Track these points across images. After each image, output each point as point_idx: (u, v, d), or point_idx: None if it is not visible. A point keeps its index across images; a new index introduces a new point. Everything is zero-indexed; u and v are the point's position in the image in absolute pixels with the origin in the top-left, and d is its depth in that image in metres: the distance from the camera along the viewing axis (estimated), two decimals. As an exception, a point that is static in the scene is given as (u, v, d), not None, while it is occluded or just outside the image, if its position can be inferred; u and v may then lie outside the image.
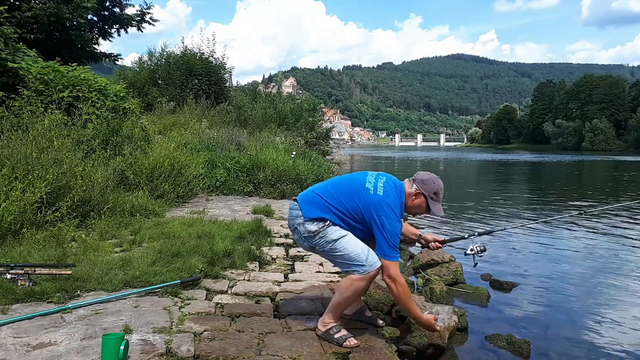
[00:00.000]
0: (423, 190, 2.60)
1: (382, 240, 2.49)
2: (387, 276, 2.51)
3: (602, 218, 9.17)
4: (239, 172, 8.13)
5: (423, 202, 2.62)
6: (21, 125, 5.55)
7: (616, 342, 3.46)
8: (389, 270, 2.50)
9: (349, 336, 2.57)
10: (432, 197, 2.60)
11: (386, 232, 2.48)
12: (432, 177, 2.64)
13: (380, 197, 2.52)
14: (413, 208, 2.65)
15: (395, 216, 2.52)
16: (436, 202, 2.62)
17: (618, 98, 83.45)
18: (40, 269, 3.15)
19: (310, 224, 2.60)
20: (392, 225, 2.49)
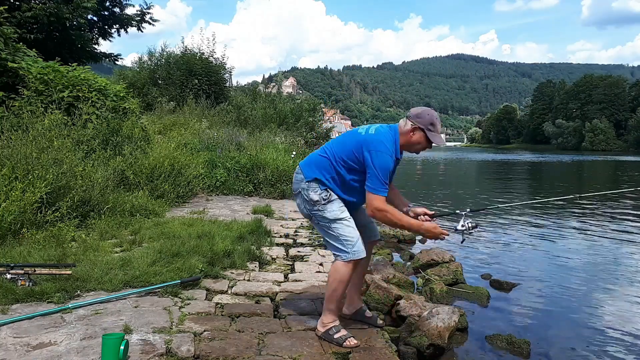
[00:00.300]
0: (419, 124, 2.55)
1: (372, 173, 2.49)
2: (373, 209, 2.51)
3: (603, 218, 9.17)
4: (239, 172, 8.14)
5: (422, 136, 2.57)
6: (21, 125, 5.55)
7: (616, 341, 3.46)
8: (374, 203, 2.50)
9: (349, 336, 2.57)
10: (430, 129, 2.55)
11: (376, 165, 2.48)
12: (425, 110, 2.61)
13: (371, 135, 2.57)
14: (414, 145, 2.61)
15: (386, 151, 2.51)
16: (435, 133, 2.57)
17: (618, 98, 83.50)
18: (40, 269, 3.15)
19: (312, 191, 2.61)
20: (381, 159, 2.49)
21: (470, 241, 6.95)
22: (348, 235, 2.57)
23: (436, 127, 2.57)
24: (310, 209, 2.66)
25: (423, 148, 2.64)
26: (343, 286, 2.61)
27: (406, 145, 2.63)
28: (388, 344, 2.62)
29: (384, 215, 2.51)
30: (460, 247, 6.46)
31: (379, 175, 2.48)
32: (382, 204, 2.50)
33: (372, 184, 2.50)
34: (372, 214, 2.54)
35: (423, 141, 2.59)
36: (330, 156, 2.65)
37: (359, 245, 2.57)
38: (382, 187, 2.49)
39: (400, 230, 6.79)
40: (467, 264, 5.33)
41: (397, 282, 4.08)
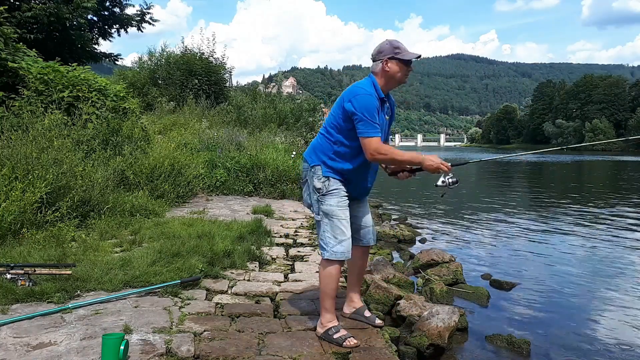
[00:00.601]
0: (385, 56, 2.56)
1: (358, 118, 2.50)
2: (371, 152, 2.50)
3: (603, 218, 9.17)
4: (239, 172, 8.14)
5: (395, 64, 2.56)
6: (21, 125, 5.55)
7: (616, 341, 3.46)
8: (370, 146, 2.49)
9: (349, 336, 2.57)
10: (397, 52, 2.55)
11: (358, 109, 2.48)
12: (382, 43, 2.62)
13: (348, 89, 2.62)
14: (394, 77, 2.60)
15: (365, 92, 2.52)
16: (404, 52, 2.56)
17: (618, 98, 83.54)
18: (40, 269, 3.15)
19: (317, 178, 2.64)
20: (362, 101, 2.50)
21: (470, 241, 6.95)
22: (334, 233, 2.59)
23: (401, 48, 2.57)
24: (313, 197, 2.69)
25: (405, 75, 2.63)
26: (329, 283, 2.62)
27: (388, 83, 2.62)
28: (388, 344, 2.62)
29: (384, 156, 2.51)
30: (460, 247, 6.46)
31: (365, 117, 2.48)
32: (377, 144, 2.49)
33: (361, 127, 2.50)
34: (371, 157, 2.53)
35: (401, 66, 2.58)
36: (324, 131, 2.69)
37: (340, 247, 2.57)
38: (372, 128, 2.49)
39: (400, 230, 6.79)
40: (467, 264, 5.33)
41: (397, 282, 4.08)
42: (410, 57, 2.57)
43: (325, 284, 2.63)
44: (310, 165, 2.69)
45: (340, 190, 2.63)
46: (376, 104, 2.54)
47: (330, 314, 2.65)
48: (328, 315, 2.64)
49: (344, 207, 2.64)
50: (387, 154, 2.51)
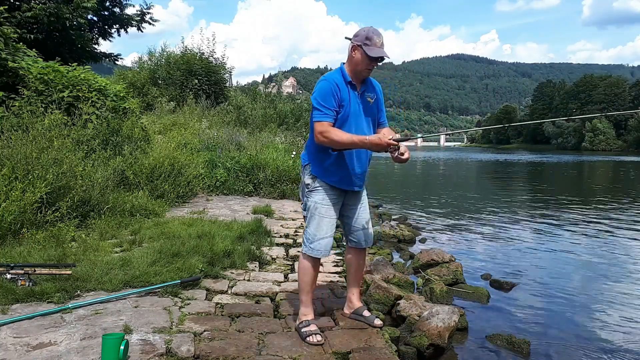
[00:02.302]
0: (356, 41, 2.55)
1: (313, 106, 2.58)
2: (316, 135, 2.57)
3: (603, 218, 9.17)
4: (239, 172, 8.14)
5: (360, 54, 2.54)
6: (21, 125, 5.55)
7: (616, 341, 3.46)
8: (315, 129, 2.56)
9: (315, 332, 2.59)
10: (366, 44, 2.51)
11: (314, 96, 2.58)
12: (363, 27, 2.61)
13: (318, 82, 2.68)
14: (357, 65, 2.58)
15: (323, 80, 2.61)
16: (372, 47, 2.51)
17: (618, 98, 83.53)
18: (40, 269, 3.15)
19: (307, 174, 2.74)
20: (318, 87, 2.59)
21: (470, 241, 6.95)
22: (314, 229, 2.66)
23: (373, 41, 2.52)
24: (303, 192, 2.80)
25: (367, 67, 2.60)
26: (304, 277, 2.70)
27: (353, 68, 2.62)
28: (388, 344, 2.62)
29: (326, 137, 2.53)
30: (460, 247, 6.46)
31: (316, 104, 2.55)
32: (322, 127, 2.54)
33: (313, 113, 2.58)
34: (317, 139, 2.58)
35: (362, 58, 2.56)
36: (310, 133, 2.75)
37: (319, 244, 2.64)
38: (320, 113, 2.54)
39: (400, 230, 6.78)
40: (467, 264, 5.33)
41: (397, 282, 4.08)
42: (374, 55, 2.53)
43: (301, 278, 2.72)
44: (303, 164, 2.81)
45: (326, 189, 2.69)
46: (331, 87, 2.56)
47: (305, 307, 2.71)
48: (303, 308, 2.72)
49: (328, 205, 2.68)
50: (330, 137, 2.52)
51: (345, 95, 2.60)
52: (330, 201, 2.69)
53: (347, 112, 2.61)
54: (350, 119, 2.61)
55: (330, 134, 2.52)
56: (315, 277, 2.75)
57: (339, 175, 2.68)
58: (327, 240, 2.66)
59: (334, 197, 2.70)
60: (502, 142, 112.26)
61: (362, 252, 2.95)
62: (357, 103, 2.66)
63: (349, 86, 2.63)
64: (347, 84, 2.62)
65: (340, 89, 2.58)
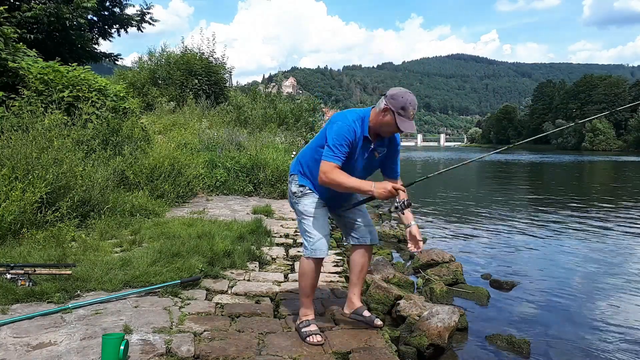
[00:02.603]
0: (390, 105, 2.50)
1: (328, 142, 2.54)
2: (320, 174, 2.53)
3: (602, 218, 9.17)
4: (239, 172, 8.14)
5: (392, 119, 2.51)
6: (21, 125, 5.55)
7: (616, 341, 3.46)
8: (322, 168, 2.52)
9: (315, 332, 2.59)
10: (400, 113, 2.48)
11: (329, 134, 2.55)
12: (401, 92, 2.52)
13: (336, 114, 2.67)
14: (383, 125, 2.57)
15: (344, 120, 2.56)
16: (404, 119, 2.49)
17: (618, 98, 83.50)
18: (40, 269, 3.15)
19: (293, 183, 2.79)
20: (336, 127, 2.54)
21: (470, 241, 6.95)
22: (311, 231, 2.66)
23: (407, 112, 2.50)
24: (291, 199, 2.83)
25: (392, 132, 2.62)
26: (305, 281, 2.69)
27: (376, 126, 2.60)
28: (388, 344, 2.62)
29: (331, 179, 2.49)
30: (460, 247, 6.46)
31: (333, 141, 2.52)
32: (329, 167, 2.50)
33: (325, 151, 2.55)
34: (320, 179, 2.55)
35: (392, 124, 2.54)
36: (313, 145, 2.75)
37: (318, 244, 2.64)
38: (331, 153, 2.51)
39: (400, 230, 6.79)
40: (467, 264, 5.33)
41: (397, 282, 4.09)
42: (404, 129, 2.52)
43: (302, 281, 2.72)
44: (291, 173, 2.86)
45: (315, 193, 2.72)
46: (351, 135, 2.53)
47: (305, 308, 2.73)
48: (303, 309, 2.73)
49: (319, 207, 2.71)
50: (334, 179, 2.48)
51: (357, 147, 2.60)
52: (321, 203, 2.72)
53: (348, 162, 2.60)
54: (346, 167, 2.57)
55: (335, 177, 2.48)
56: (316, 280, 2.75)
57: (327, 197, 2.74)
58: (325, 239, 2.67)
59: (323, 200, 2.74)
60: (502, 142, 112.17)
61: (368, 250, 2.93)
62: (363, 158, 2.66)
63: (364, 140, 2.61)
64: (364, 138, 2.60)
65: (356, 139, 2.56)
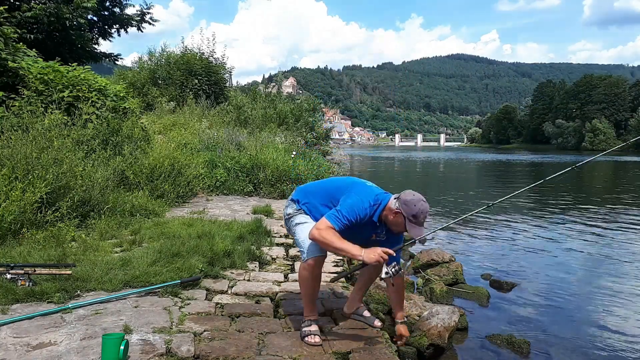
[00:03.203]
0: (403, 210, 2.53)
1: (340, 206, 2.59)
2: (314, 229, 2.55)
3: (602, 219, 9.17)
4: (239, 172, 8.14)
5: (402, 223, 2.56)
6: (21, 125, 5.55)
7: (616, 341, 3.46)
8: (319, 225, 2.55)
9: (314, 333, 2.60)
10: (411, 220, 2.52)
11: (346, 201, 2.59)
12: (414, 199, 2.54)
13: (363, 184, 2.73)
14: (393, 224, 2.62)
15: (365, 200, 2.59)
16: (414, 225, 2.53)
17: (618, 98, 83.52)
18: (40, 269, 3.15)
19: (290, 207, 2.86)
20: (354, 200, 2.58)
21: (470, 241, 6.95)
22: (304, 236, 2.67)
23: (418, 220, 2.53)
24: (287, 223, 2.89)
25: (400, 232, 2.68)
26: (306, 287, 2.71)
27: (387, 219, 2.64)
28: (388, 344, 2.62)
29: (323, 238, 2.49)
30: (460, 247, 6.46)
31: (340, 209, 2.55)
32: (325, 226, 2.51)
33: (331, 211, 2.57)
34: (312, 236, 2.54)
35: (402, 227, 2.59)
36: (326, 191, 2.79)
37: (312, 246, 2.63)
38: (334, 217, 2.53)
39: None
40: (467, 264, 5.33)
41: (397, 282, 4.07)
42: (413, 235, 2.56)
43: (303, 288, 2.73)
44: (292, 198, 2.92)
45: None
46: (362, 215, 2.58)
47: (307, 310, 2.74)
48: (306, 310, 2.76)
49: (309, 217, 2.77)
50: (326, 239, 2.49)
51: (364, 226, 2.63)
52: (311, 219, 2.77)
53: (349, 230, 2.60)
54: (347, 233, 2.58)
55: (327, 236, 2.49)
56: (318, 283, 2.75)
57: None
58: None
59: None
60: (502, 142, 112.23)
61: None
62: (366, 235, 2.70)
63: (370, 223, 2.65)
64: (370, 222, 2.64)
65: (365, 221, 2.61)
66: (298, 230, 2.73)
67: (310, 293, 2.72)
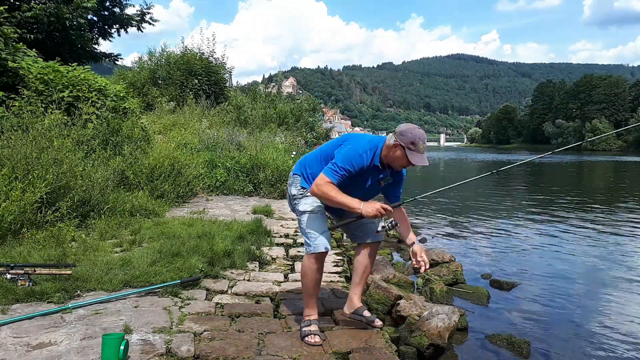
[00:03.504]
0: (401, 141, 2.56)
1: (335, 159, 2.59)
2: (313, 185, 2.58)
3: (602, 218, 9.17)
4: (239, 172, 8.14)
5: (402, 154, 2.58)
6: (21, 125, 5.55)
7: (616, 341, 3.46)
8: (318, 179, 2.58)
9: (314, 333, 2.60)
10: (410, 147, 2.54)
11: (340, 153, 2.59)
12: (409, 128, 2.59)
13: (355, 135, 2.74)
14: (395, 160, 2.63)
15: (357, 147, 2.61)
16: (414, 152, 2.55)
17: (618, 98, 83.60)
18: (40, 269, 3.15)
19: (294, 186, 2.79)
20: (347, 149, 2.59)
21: (470, 241, 6.95)
22: (311, 228, 2.67)
23: (417, 147, 2.55)
24: (291, 203, 2.84)
25: (403, 165, 2.67)
26: (308, 280, 2.70)
27: (387, 158, 2.66)
28: (388, 344, 2.62)
29: (322, 192, 2.55)
30: (460, 247, 6.46)
31: (336, 162, 2.57)
32: (322, 181, 2.55)
33: (327, 166, 2.59)
34: (312, 190, 2.59)
35: (404, 159, 2.59)
36: (319, 153, 2.79)
37: (320, 240, 2.65)
38: (331, 170, 2.56)
39: (400, 230, 6.79)
40: (467, 264, 5.33)
41: (397, 282, 4.08)
42: (416, 162, 2.57)
43: (305, 281, 2.72)
44: (293, 173, 2.84)
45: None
46: (357, 163, 2.58)
47: (308, 309, 2.73)
48: (307, 309, 2.75)
49: (318, 204, 2.72)
50: (325, 192, 2.54)
51: (365, 173, 2.64)
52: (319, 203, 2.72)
53: (353, 182, 2.62)
54: (349, 187, 2.61)
55: (326, 190, 2.53)
56: (319, 279, 2.75)
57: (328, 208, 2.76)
58: (326, 234, 2.68)
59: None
60: (502, 142, 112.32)
61: (372, 249, 2.95)
62: (368, 183, 2.71)
63: (373, 168, 2.65)
64: (373, 167, 2.64)
65: (364, 168, 2.61)
66: (305, 220, 2.70)
67: (312, 286, 2.70)
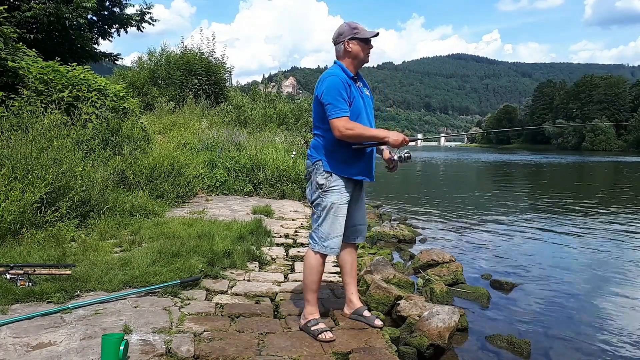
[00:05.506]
0: (345, 38, 2.66)
1: (325, 101, 2.58)
2: (340, 131, 2.55)
3: (603, 218, 9.17)
4: (239, 172, 8.14)
5: (356, 44, 2.67)
6: (21, 125, 5.54)
7: (616, 341, 3.46)
8: (337, 126, 2.55)
9: (325, 330, 2.61)
10: (356, 33, 2.66)
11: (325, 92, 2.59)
12: (339, 26, 2.72)
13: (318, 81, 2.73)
14: (358, 55, 2.69)
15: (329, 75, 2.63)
16: (362, 31, 2.67)
17: (618, 98, 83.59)
18: (40, 269, 3.15)
19: (319, 174, 2.68)
20: (327, 83, 2.60)
21: (470, 241, 6.95)
22: (329, 229, 2.65)
23: (359, 28, 2.67)
24: (314, 193, 2.72)
25: (366, 53, 2.72)
26: (311, 275, 2.70)
27: (354, 62, 2.71)
28: (388, 344, 2.62)
29: (351, 131, 2.55)
30: (460, 247, 6.46)
31: (330, 100, 2.56)
32: (345, 122, 2.55)
33: (329, 110, 2.58)
34: (339, 135, 2.56)
35: (361, 46, 2.68)
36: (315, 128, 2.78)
37: (335, 242, 2.65)
38: (337, 109, 2.56)
39: (400, 230, 6.78)
40: (467, 264, 5.33)
41: (397, 282, 4.08)
42: (368, 36, 2.67)
43: (308, 276, 2.71)
44: (312, 161, 2.75)
45: (341, 187, 2.68)
46: (341, 82, 2.60)
47: (311, 307, 2.72)
48: (309, 307, 2.72)
49: (344, 204, 2.69)
50: (354, 129, 2.56)
51: (353, 90, 2.65)
52: (345, 200, 2.69)
53: (358, 107, 2.65)
54: (362, 113, 2.67)
55: (357, 128, 2.56)
56: (321, 275, 2.76)
57: (360, 167, 2.72)
58: (340, 238, 2.69)
59: (348, 195, 2.70)
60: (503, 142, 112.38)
61: (355, 247, 3.00)
62: (361, 97, 2.72)
63: (352, 81, 2.68)
64: (351, 80, 2.67)
65: (348, 84, 2.63)
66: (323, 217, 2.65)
67: (315, 280, 2.70)
